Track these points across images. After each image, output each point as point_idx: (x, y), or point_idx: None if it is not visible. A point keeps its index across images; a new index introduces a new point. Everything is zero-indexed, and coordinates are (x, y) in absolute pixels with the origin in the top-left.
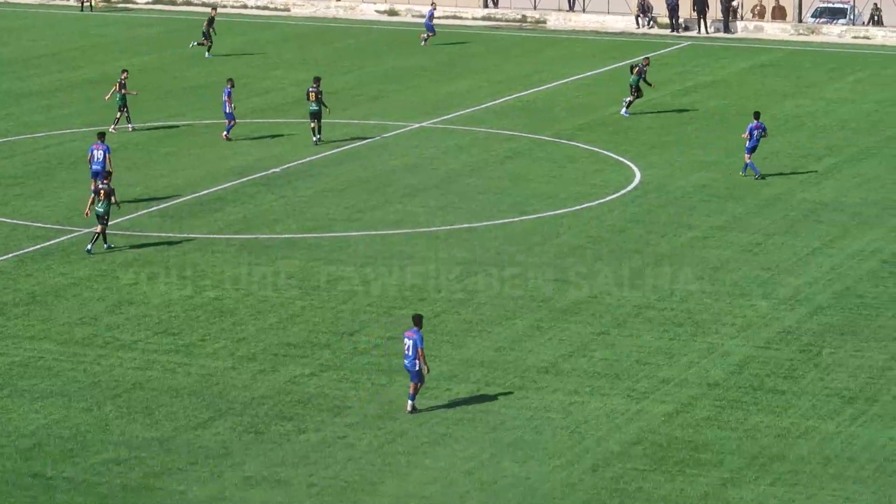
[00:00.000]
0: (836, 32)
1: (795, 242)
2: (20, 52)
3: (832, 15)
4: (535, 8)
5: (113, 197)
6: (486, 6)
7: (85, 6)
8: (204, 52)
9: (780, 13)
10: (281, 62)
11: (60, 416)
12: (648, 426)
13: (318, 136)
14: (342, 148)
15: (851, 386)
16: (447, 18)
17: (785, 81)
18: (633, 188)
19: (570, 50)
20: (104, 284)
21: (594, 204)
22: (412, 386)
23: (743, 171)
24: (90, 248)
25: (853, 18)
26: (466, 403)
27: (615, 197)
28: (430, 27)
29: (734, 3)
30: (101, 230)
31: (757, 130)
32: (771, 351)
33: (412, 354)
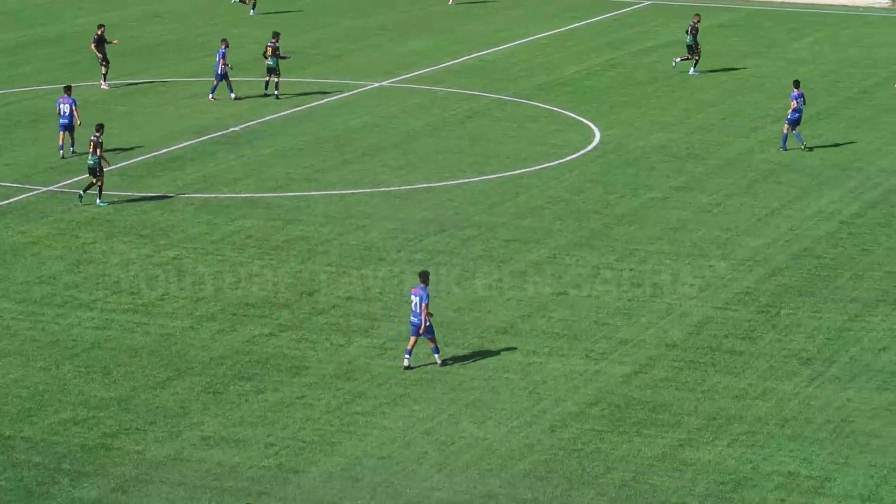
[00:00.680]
0: None
1: (754, 203)
2: None
3: None
4: None
5: (99, 150)
6: None
7: None
8: (248, 9)
9: None
10: (241, 20)
11: (18, 375)
12: (606, 387)
13: (276, 91)
14: (302, 107)
15: (809, 347)
16: None
17: (745, 41)
18: (592, 148)
19: (530, 9)
20: (63, 243)
21: (554, 164)
22: (425, 341)
23: (783, 146)
24: (82, 195)
25: None
26: (425, 364)
27: (575, 157)
28: None
29: None
30: (96, 182)
31: (800, 99)
32: (729, 312)
33: (419, 311)
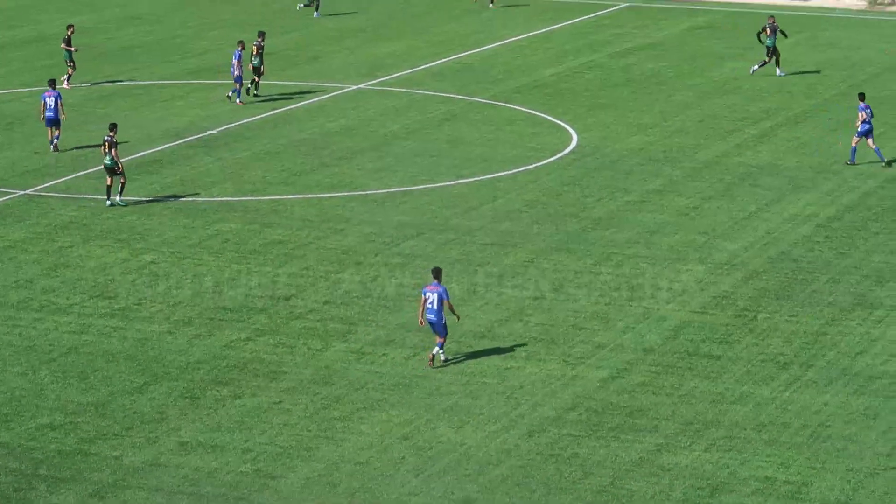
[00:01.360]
0: None
1: (731, 206)
2: None
3: None
4: None
5: (114, 150)
6: None
7: None
8: (311, 12)
9: None
10: (217, 22)
11: None
12: (584, 392)
13: (256, 91)
14: (279, 110)
15: (786, 351)
16: None
17: (722, 43)
18: (569, 151)
19: (508, 12)
20: (39, 247)
21: (531, 167)
22: (438, 339)
23: (851, 159)
24: (110, 201)
25: None
26: (402, 368)
27: (552, 160)
28: None
29: None
30: (111, 182)
31: (867, 110)
32: (706, 316)
33: (437, 308)
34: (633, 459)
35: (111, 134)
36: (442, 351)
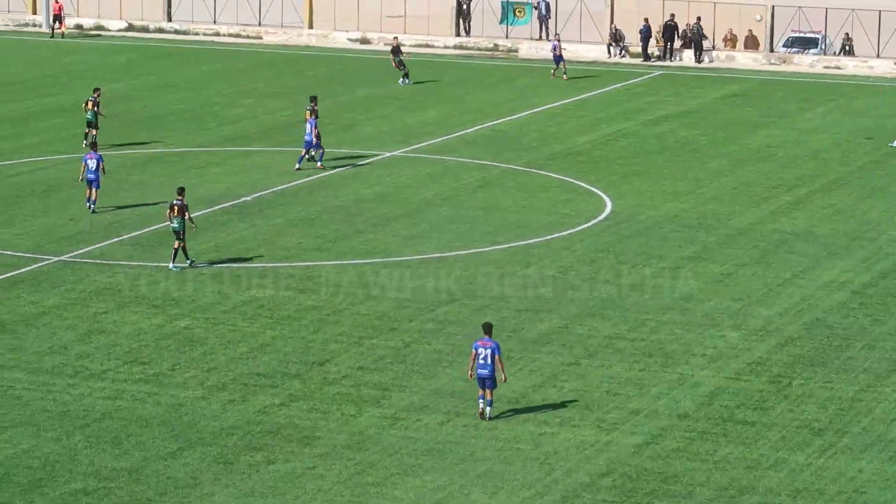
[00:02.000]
0: (807, 62)
1: (766, 273)
2: None
3: (804, 45)
4: (506, 37)
5: (186, 213)
6: (458, 34)
7: (56, 33)
8: (403, 78)
9: (752, 42)
10: (252, 90)
11: (29, 445)
12: (618, 457)
13: (309, 159)
14: (313, 177)
15: (821, 417)
16: (419, 47)
17: (756, 111)
18: (603, 218)
19: (541, 79)
20: (74, 313)
21: (565, 234)
22: (488, 393)
23: None
24: (171, 265)
25: (824, 48)
26: (436, 434)
27: (586, 227)
28: (558, 59)
29: (704, 32)
30: (177, 246)
31: None
32: (741, 382)
33: (490, 363)
34: None
35: (180, 198)
36: (490, 408)
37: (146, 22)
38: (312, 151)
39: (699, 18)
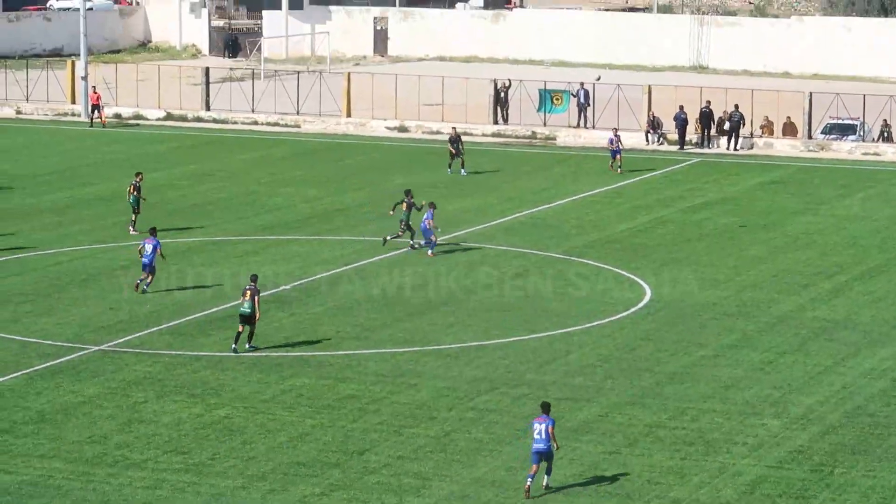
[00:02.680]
0: (846, 149)
1: (807, 361)
2: (30, 168)
3: (842, 131)
4: (544, 124)
5: (256, 298)
6: (495, 122)
7: (95, 123)
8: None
9: (790, 130)
10: (291, 179)
11: None
12: None
13: (412, 241)
14: (352, 265)
15: None
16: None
17: (795, 198)
18: (643, 306)
19: (579, 166)
20: (114, 403)
21: (604, 322)
22: (546, 466)
23: None
24: (235, 347)
25: (863, 135)
26: None
27: (625, 315)
28: (615, 153)
29: (742, 120)
30: (243, 329)
31: None
32: (783, 471)
33: (545, 436)
34: None
35: (253, 284)
36: (548, 476)
37: (185, 111)
38: (422, 241)
39: (737, 106)
